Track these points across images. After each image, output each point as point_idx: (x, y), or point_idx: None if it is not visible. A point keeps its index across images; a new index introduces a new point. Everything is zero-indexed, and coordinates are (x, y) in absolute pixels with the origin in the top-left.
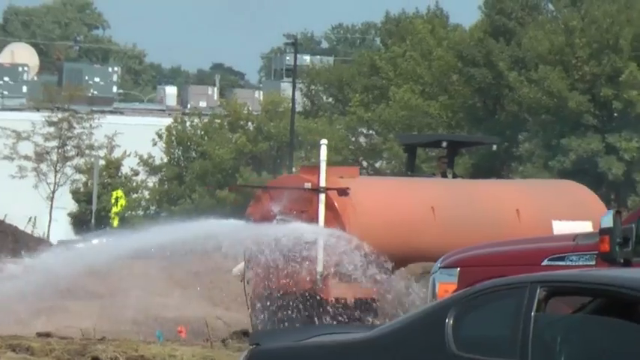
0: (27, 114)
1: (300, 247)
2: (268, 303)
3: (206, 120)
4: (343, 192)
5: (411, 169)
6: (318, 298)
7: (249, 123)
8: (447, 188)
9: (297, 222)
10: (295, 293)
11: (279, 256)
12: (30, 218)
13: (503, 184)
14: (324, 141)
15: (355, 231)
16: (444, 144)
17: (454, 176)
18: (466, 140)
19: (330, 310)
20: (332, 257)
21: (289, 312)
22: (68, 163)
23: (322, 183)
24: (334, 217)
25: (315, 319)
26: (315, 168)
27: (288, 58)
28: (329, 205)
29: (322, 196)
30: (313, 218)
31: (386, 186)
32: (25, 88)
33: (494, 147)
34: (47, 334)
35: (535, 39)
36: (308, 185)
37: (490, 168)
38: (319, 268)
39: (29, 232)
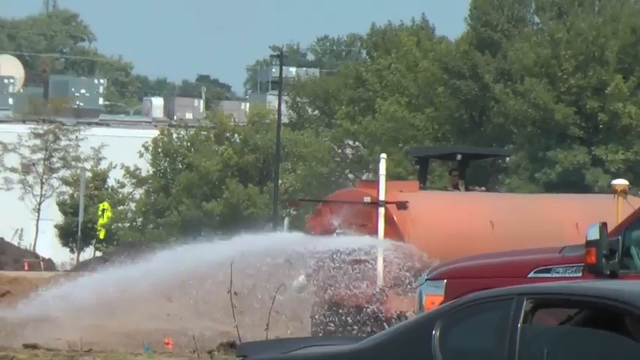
0: (13, 126)
1: (360, 261)
2: (329, 317)
3: (192, 132)
4: (402, 205)
5: (423, 182)
6: (378, 312)
7: (235, 135)
8: (505, 202)
9: (358, 235)
10: (356, 307)
11: (339, 269)
12: (16, 230)
13: (563, 199)
14: (383, 155)
15: (414, 244)
16: (459, 157)
17: (466, 189)
18: (479, 153)
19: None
20: (392, 270)
21: (350, 326)
22: (54, 175)
23: (382, 197)
24: (393, 230)
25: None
26: (375, 182)
27: (274, 70)
28: (388, 219)
29: (381, 210)
30: (373, 232)
31: (445, 200)
32: (11, 100)
33: (507, 159)
34: (34, 346)
35: (521, 51)
36: (367, 199)
37: (476, 180)
38: (379, 282)
39: (16, 243)
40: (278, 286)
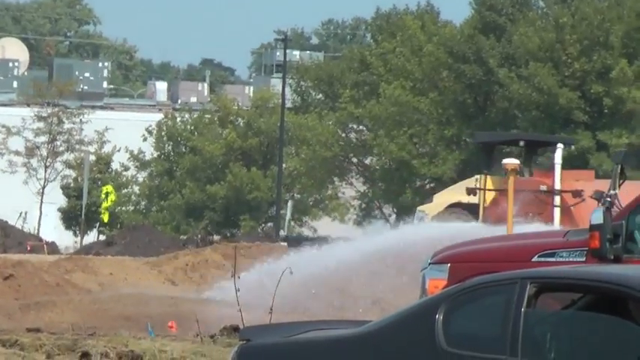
0: (17, 109)
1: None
2: None
3: (196, 115)
4: (577, 194)
5: (487, 167)
6: None
7: (239, 119)
8: None
9: (533, 223)
10: None
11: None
12: (20, 213)
13: None
14: (560, 145)
15: None
16: (522, 143)
17: (531, 175)
18: (543, 140)
19: None
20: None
21: None
22: (58, 159)
23: (557, 185)
24: (569, 219)
25: None
26: (551, 171)
27: (278, 53)
28: (564, 208)
29: (557, 199)
30: (549, 220)
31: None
32: (15, 83)
33: (572, 147)
34: (37, 330)
35: (525, 35)
36: (544, 188)
37: (478, 164)
38: None
39: (19, 227)
40: (283, 270)
